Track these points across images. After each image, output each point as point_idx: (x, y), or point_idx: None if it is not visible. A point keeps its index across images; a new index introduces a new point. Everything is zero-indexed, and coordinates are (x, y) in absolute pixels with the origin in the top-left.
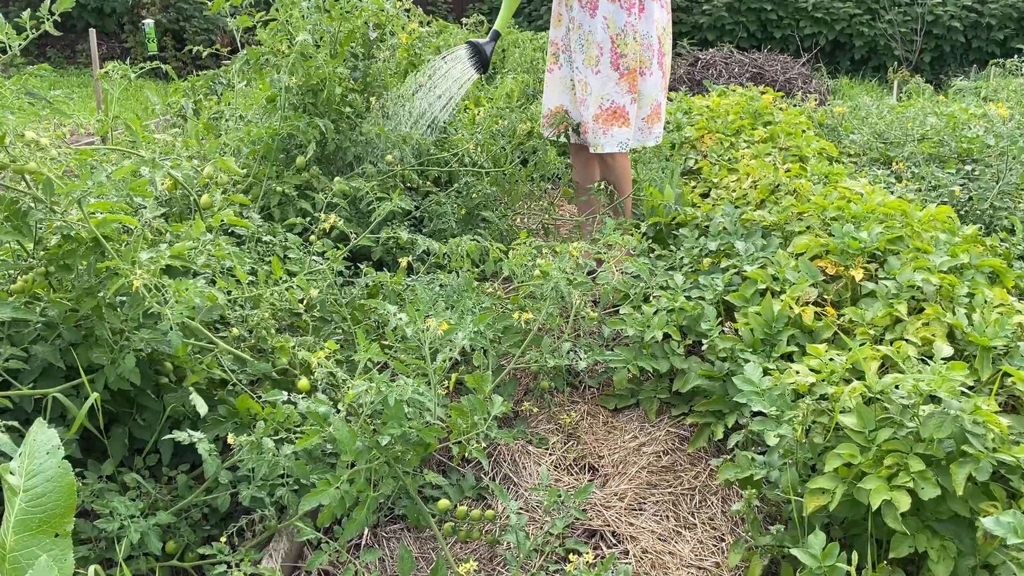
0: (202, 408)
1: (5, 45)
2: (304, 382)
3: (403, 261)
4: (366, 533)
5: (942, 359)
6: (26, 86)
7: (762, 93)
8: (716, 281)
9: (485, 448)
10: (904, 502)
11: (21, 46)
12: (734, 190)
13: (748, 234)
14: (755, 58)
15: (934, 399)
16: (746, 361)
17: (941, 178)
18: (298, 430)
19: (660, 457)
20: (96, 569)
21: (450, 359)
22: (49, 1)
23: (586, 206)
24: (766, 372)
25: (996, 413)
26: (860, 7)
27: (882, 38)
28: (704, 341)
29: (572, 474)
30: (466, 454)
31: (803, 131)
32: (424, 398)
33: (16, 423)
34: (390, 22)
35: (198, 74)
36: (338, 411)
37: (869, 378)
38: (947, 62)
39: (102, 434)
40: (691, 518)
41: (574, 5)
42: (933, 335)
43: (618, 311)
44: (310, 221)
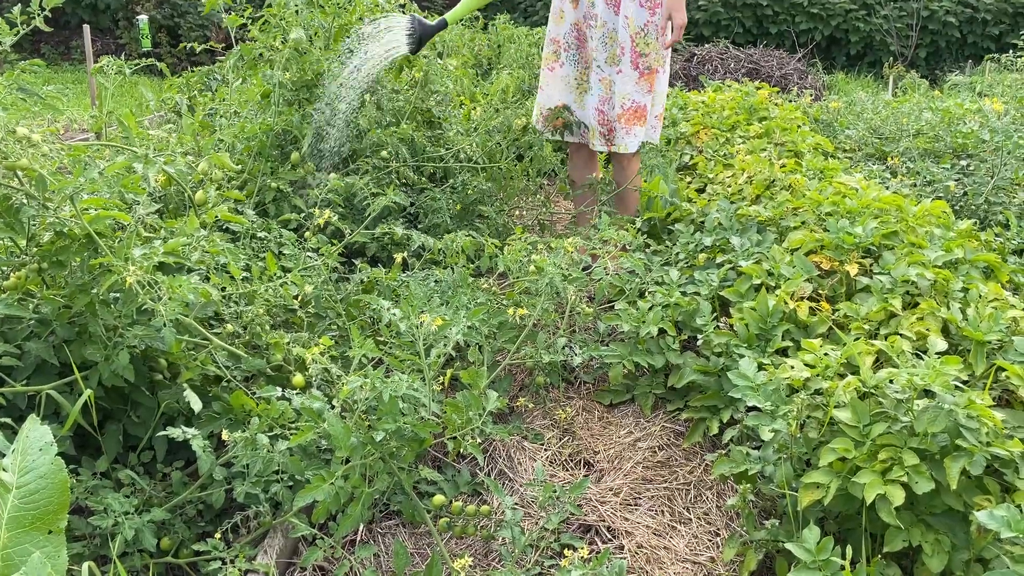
0: (196, 404)
1: None
2: (299, 378)
3: (398, 257)
4: (361, 529)
5: (936, 354)
6: (19, 81)
7: (757, 89)
8: (711, 276)
9: (480, 444)
10: (898, 496)
11: (12, 41)
12: (729, 185)
13: (743, 229)
14: (751, 54)
15: (928, 393)
16: (741, 356)
17: (936, 173)
18: (293, 426)
19: (655, 452)
20: (90, 566)
21: (444, 354)
22: None
23: (582, 199)
24: (761, 367)
25: (990, 407)
26: (856, 2)
27: (878, 33)
28: (699, 336)
29: (567, 469)
30: (461, 450)
31: (798, 127)
32: (419, 394)
33: (9, 420)
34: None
35: (193, 70)
36: (333, 407)
37: (863, 373)
38: (943, 57)
39: (96, 431)
40: (686, 513)
41: (598, 2)
42: (927, 330)
43: (613, 307)
44: (305, 217)
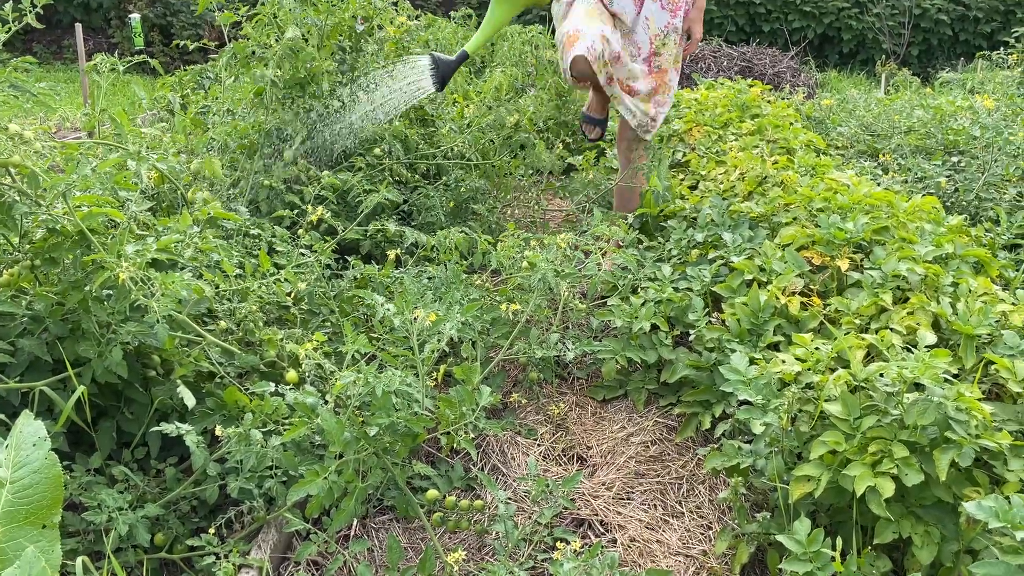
0: (190, 401)
1: None
2: (292, 374)
3: (391, 254)
4: (355, 524)
5: (926, 347)
6: (11, 79)
7: (750, 86)
8: (703, 272)
9: (474, 439)
10: (888, 488)
11: (4, 39)
12: (722, 182)
13: (735, 225)
14: (744, 52)
15: (918, 387)
16: (733, 351)
17: (927, 170)
18: (286, 422)
19: (648, 447)
20: (84, 561)
21: (438, 350)
22: None
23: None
24: (752, 362)
25: (980, 400)
26: (848, 1)
27: (870, 31)
28: (692, 332)
29: (561, 464)
30: (455, 445)
31: (790, 124)
32: (412, 389)
33: (3, 416)
34: (378, 15)
35: (186, 68)
36: (326, 403)
37: (854, 366)
38: (935, 55)
39: (90, 427)
40: (679, 507)
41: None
42: (918, 324)
43: (606, 303)
44: (298, 214)
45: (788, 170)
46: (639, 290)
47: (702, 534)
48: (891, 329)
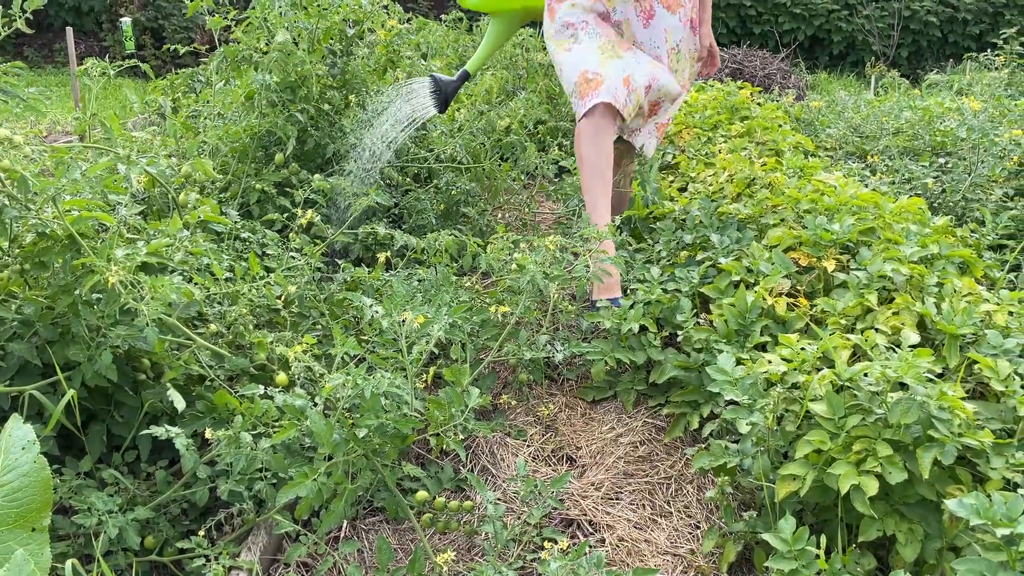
0: (180, 404)
1: None
2: (282, 377)
3: (381, 257)
4: (345, 525)
5: (909, 347)
6: (0, 84)
7: (740, 88)
8: (692, 274)
9: (463, 440)
10: (872, 487)
11: None
12: (711, 184)
13: (723, 227)
14: (734, 54)
15: (902, 386)
16: (721, 351)
17: (915, 171)
18: (276, 424)
19: (637, 447)
20: (74, 564)
21: (427, 352)
22: None
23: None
24: (739, 362)
25: (964, 399)
26: (838, 3)
27: (860, 33)
28: (680, 333)
29: (550, 465)
30: (444, 446)
31: (779, 125)
32: (401, 391)
33: None
34: (368, 19)
35: (177, 72)
36: (315, 405)
37: (839, 366)
38: (924, 57)
39: (80, 431)
40: (667, 506)
41: (623, 8)
42: (903, 324)
43: (596, 304)
44: (288, 218)
45: (776, 172)
46: (628, 292)
47: (690, 533)
48: (876, 329)
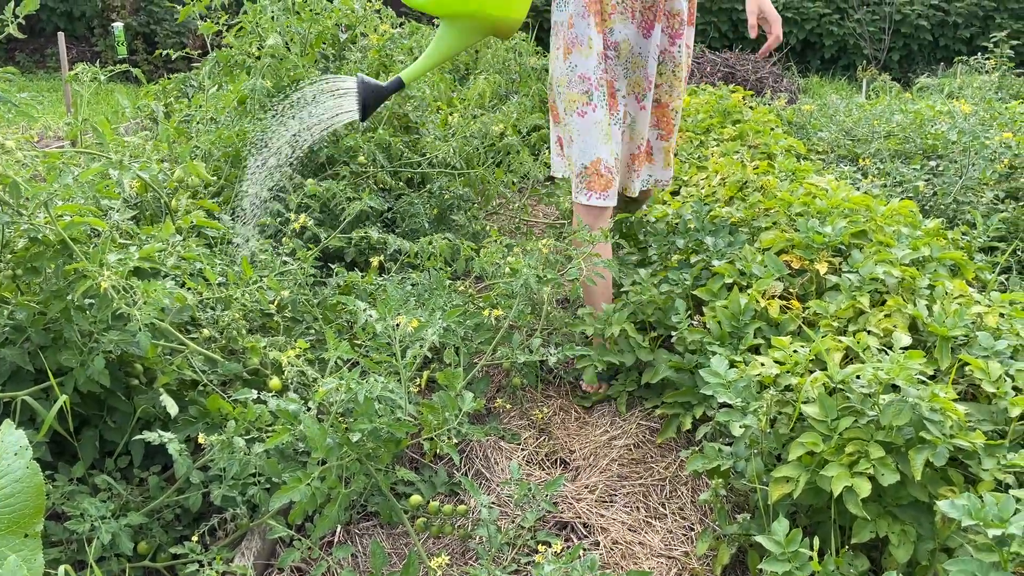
0: (172, 409)
1: None
2: (275, 382)
3: (375, 261)
4: (339, 530)
5: (901, 349)
6: None
7: (732, 92)
8: (685, 276)
9: (457, 444)
10: (865, 488)
11: None
12: (703, 188)
13: (716, 230)
14: (727, 58)
15: (894, 388)
16: (714, 353)
17: (906, 174)
18: (269, 429)
19: (631, 450)
20: (66, 569)
21: (420, 356)
22: (13, 3)
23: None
24: (733, 364)
25: (956, 401)
26: (829, 7)
27: (851, 37)
28: (674, 334)
29: (544, 468)
30: (438, 451)
31: (771, 129)
32: (395, 395)
33: None
34: (361, 23)
35: (169, 77)
36: (309, 409)
37: (831, 368)
38: (915, 60)
39: (72, 437)
40: (661, 509)
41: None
42: (895, 326)
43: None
44: (282, 222)
45: (768, 175)
46: (621, 295)
47: (684, 535)
48: (868, 331)
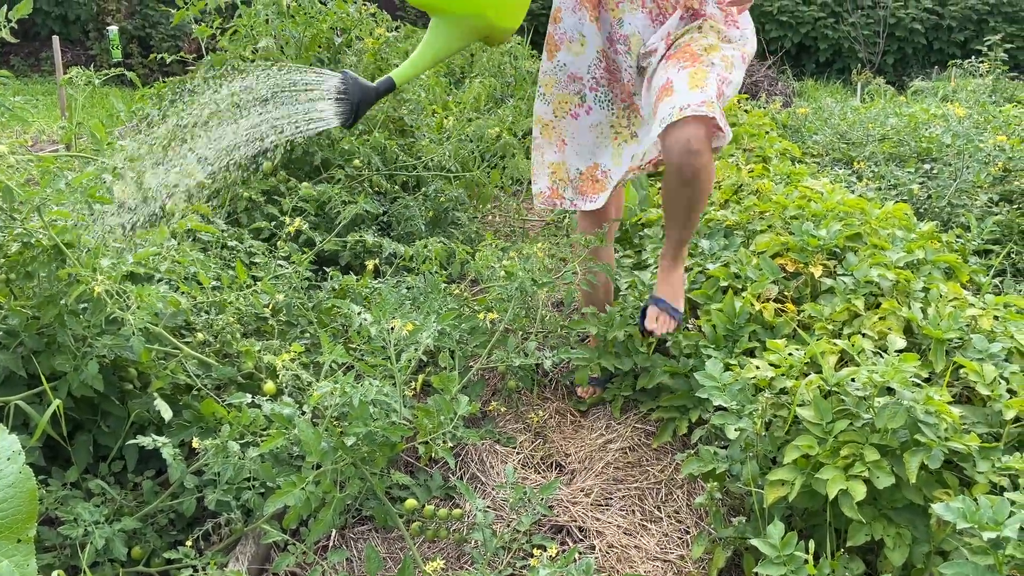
0: (166, 413)
1: None
2: (270, 385)
3: (370, 264)
4: (333, 535)
5: (896, 351)
6: None
7: None
8: None
9: (452, 448)
10: (860, 491)
11: None
12: None
13: (711, 233)
14: None
15: (889, 391)
16: (709, 357)
17: (900, 177)
18: (264, 433)
19: (627, 453)
20: (60, 575)
21: (415, 359)
22: (7, 7)
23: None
24: (728, 367)
25: (950, 403)
26: (824, 11)
27: (846, 41)
28: (668, 338)
29: (539, 472)
30: (433, 454)
31: (766, 132)
32: (390, 399)
33: None
34: (356, 27)
35: (164, 81)
36: (304, 413)
37: (826, 371)
38: (909, 64)
39: (66, 441)
40: (657, 512)
41: (631, 20)
42: (889, 329)
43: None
44: (276, 226)
45: (763, 178)
46: (619, 297)
47: (680, 539)
48: (863, 334)
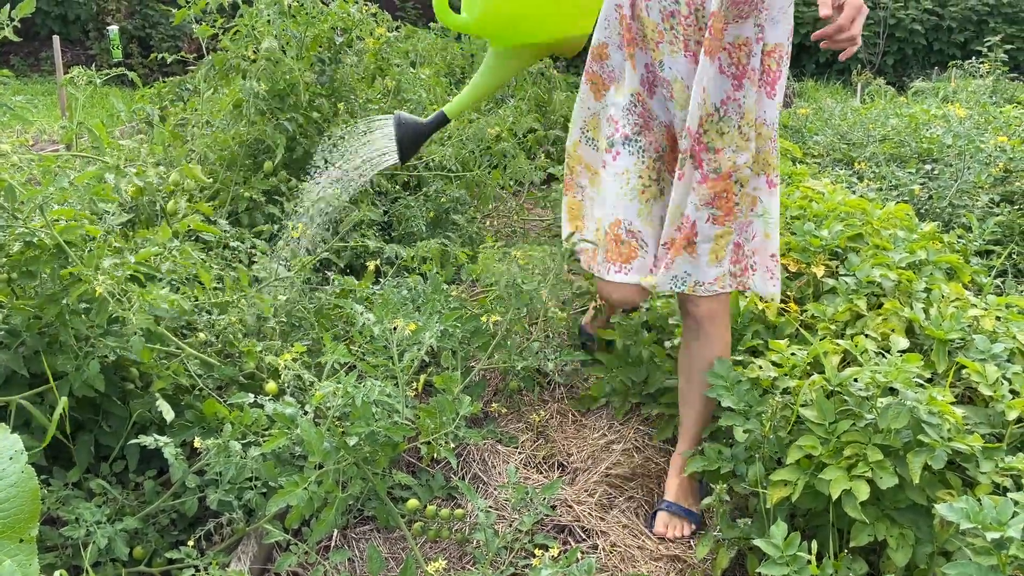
0: (168, 413)
1: None
2: (272, 385)
3: (371, 265)
4: (335, 535)
5: (898, 352)
6: None
7: None
8: None
9: (454, 448)
10: (863, 492)
11: None
12: None
13: None
14: None
15: (892, 391)
16: None
17: (901, 177)
18: (266, 433)
19: (632, 455)
20: (62, 574)
21: (417, 359)
22: (8, 6)
23: None
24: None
25: (953, 404)
26: None
27: None
28: (670, 340)
29: (542, 472)
30: (435, 454)
31: None
32: (392, 399)
33: None
34: (357, 27)
35: (164, 81)
36: (306, 413)
37: (829, 372)
38: (909, 64)
39: (68, 441)
40: None
41: (671, 63)
42: (892, 329)
43: (585, 312)
44: (278, 228)
45: None
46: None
47: (683, 539)
48: (866, 335)
